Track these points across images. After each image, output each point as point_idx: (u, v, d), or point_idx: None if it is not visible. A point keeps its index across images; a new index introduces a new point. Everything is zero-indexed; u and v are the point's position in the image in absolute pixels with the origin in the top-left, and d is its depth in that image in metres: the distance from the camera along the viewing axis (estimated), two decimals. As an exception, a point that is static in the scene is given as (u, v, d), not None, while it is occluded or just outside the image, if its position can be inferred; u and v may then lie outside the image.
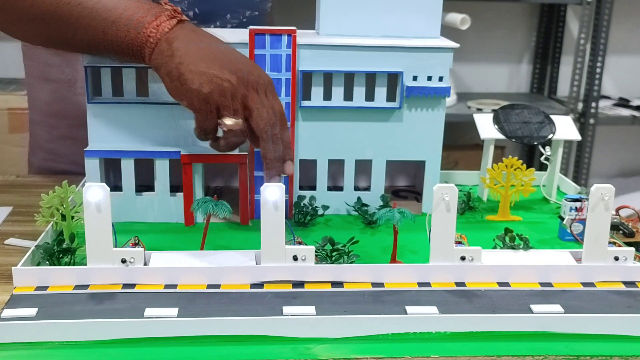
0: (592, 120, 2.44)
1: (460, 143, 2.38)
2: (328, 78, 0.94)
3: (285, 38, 0.91)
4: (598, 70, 2.41)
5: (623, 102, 2.58)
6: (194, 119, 0.81)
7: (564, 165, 2.48)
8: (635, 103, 2.54)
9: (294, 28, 0.91)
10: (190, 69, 0.77)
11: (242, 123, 0.79)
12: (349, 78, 0.95)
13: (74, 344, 0.65)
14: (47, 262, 0.77)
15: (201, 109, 0.78)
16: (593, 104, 2.43)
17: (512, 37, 2.63)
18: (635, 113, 2.46)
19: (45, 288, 0.72)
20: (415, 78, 0.95)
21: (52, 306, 0.69)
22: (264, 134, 0.76)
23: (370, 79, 0.95)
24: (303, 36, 0.93)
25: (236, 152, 0.93)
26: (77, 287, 0.73)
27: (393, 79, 0.95)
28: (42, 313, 0.68)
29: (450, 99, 2.34)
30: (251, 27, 0.91)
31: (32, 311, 0.68)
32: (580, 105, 2.44)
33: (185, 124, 0.93)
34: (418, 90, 0.94)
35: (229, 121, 0.76)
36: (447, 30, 1.01)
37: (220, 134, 0.82)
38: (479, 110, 2.30)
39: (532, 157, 2.57)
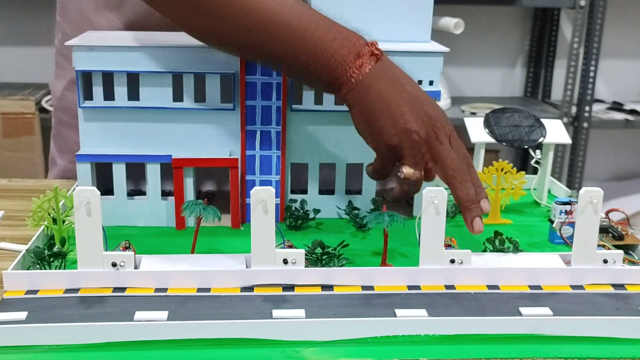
0: (585, 124, 2.45)
1: (454, 147, 2.38)
2: (319, 82, 0.95)
3: (276, 42, 0.91)
4: (591, 74, 2.42)
5: (616, 106, 2.59)
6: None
7: (557, 169, 2.48)
8: (628, 107, 2.55)
9: (284, 32, 0.91)
10: (383, 116, 0.77)
11: (420, 174, 0.79)
12: (340, 82, 0.95)
13: (63, 348, 0.65)
14: (38, 266, 0.77)
15: (385, 155, 0.79)
16: (587, 108, 2.44)
17: (506, 41, 2.64)
18: (629, 117, 2.47)
19: (36, 292, 0.73)
20: (405, 82, 0.95)
21: (42, 310, 0.69)
22: (453, 180, 0.77)
23: (361, 83, 0.95)
24: (294, 40, 0.94)
25: (227, 155, 0.93)
26: (67, 291, 0.73)
27: (384, 83, 0.95)
28: (32, 317, 0.68)
29: (444, 103, 2.35)
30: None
31: (22, 315, 0.67)
32: (573, 109, 2.45)
33: (176, 127, 0.94)
34: (408, 94, 0.94)
35: (408, 170, 0.77)
36: (441, 35, 1.01)
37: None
38: (473, 114, 2.31)
39: (525, 161, 2.58)
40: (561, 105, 2.43)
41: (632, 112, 2.50)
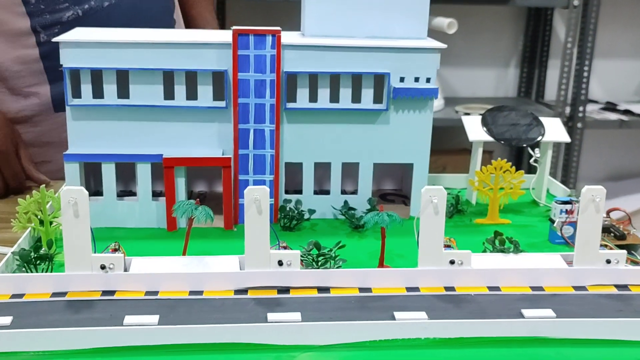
0: (579, 124, 2.44)
1: (447, 148, 2.37)
2: (313, 79, 0.93)
3: (269, 38, 0.89)
4: (585, 74, 2.42)
5: (610, 106, 2.58)
6: None
7: (552, 169, 2.48)
8: (622, 107, 2.54)
9: (278, 28, 0.90)
10: None
11: None
12: (335, 79, 0.93)
13: (50, 354, 0.63)
14: (24, 269, 0.75)
15: None
16: (580, 108, 2.43)
17: (500, 41, 2.63)
18: (623, 117, 2.47)
19: (21, 296, 0.70)
20: (402, 79, 0.93)
21: (28, 315, 0.67)
22: None
23: (357, 80, 0.93)
24: (288, 37, 0.92)
25: (220, 155, 0.92)
26: (54, 294, 0.71)
27: (380, 80, 0.94)
28: (17, 322, 0.65)
29: (438, 104, 2.34)
30: (234, 27, 0.89)
31: (7, 320, 0.65)
32: (567, 109, 2.44)
33: (167, 125, 0.92)
34: (405, 92, 0.93)
35: None
36: (434, 35, 1.00)
37: None
38: (467, 114, 2.29)
39: (520, 160, 2.57)
40: (555, 106, 2.42)
41: (626, 112, 2.50)
